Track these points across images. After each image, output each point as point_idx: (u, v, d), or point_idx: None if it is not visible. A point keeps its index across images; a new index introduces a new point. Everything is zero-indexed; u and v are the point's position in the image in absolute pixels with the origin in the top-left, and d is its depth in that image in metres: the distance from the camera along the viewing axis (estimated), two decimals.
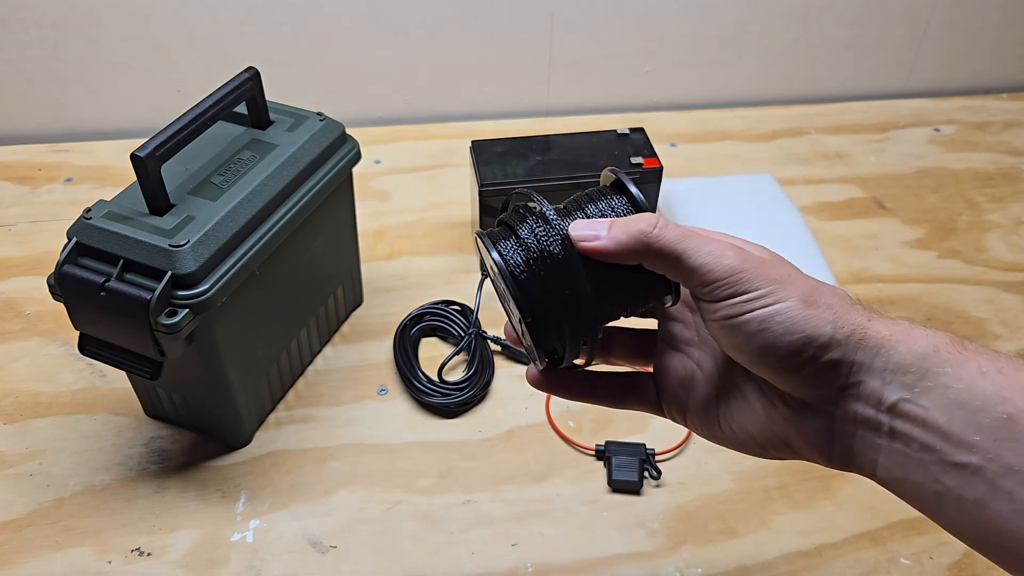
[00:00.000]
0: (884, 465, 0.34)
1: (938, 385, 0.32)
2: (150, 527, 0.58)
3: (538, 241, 0.37)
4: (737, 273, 0.34)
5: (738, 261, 0.35)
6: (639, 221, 0.36)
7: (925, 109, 1.05)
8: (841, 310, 0.34)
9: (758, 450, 0.38)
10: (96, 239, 0.52)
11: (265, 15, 0.92)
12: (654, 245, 0.35)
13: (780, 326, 0.34)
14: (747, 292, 0.34)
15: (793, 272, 0.36)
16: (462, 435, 0.65)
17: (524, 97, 1.03)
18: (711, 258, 0.35)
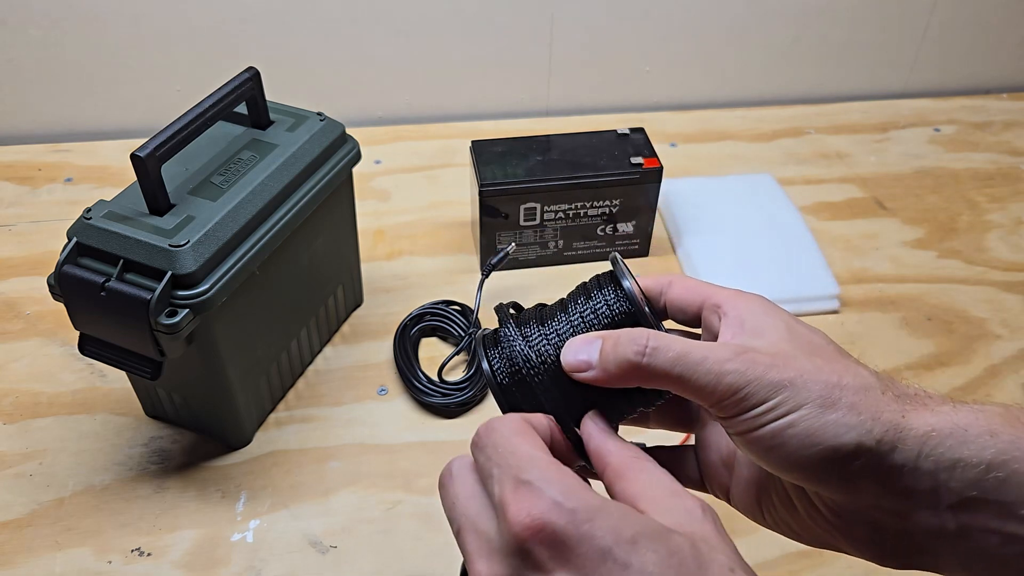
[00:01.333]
0: (957, 563, 0.30)
1: (1011, 472, 0.29)
2: (150, 527, 0.58)
3: (527, 352, 0.36)
4: (741, 390, 0.30)
5: (739, 375, 0.30)
6: (628, 345, 0.32)
7: (925, 109, 1.05)
8: (868, 408, 0.30)
9: (809, 542, 0.35)
10: (96, 239, 0.52)
11: (265, 15, 0.92)
12: (646, 371, 0.32)
13: (795, 440, 0.30)
14: (755, 407, 0.30)
15: (809, 366, 0.31)
16: (462, 435, 0.65)
17: (524, 97, 1.03)
18: (710, 378, 0.31)
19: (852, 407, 0.30)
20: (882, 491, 0.30)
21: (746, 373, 0.30)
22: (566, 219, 0.77)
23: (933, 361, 0.72)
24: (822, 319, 0.76)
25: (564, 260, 0.80)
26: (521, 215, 0.76)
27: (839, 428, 0.29)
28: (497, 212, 0.75)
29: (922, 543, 0.31)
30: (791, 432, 0.30)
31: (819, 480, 0.31)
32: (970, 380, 0.70)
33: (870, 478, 0.30)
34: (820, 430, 0.29)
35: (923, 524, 0.30)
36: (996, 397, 0.68)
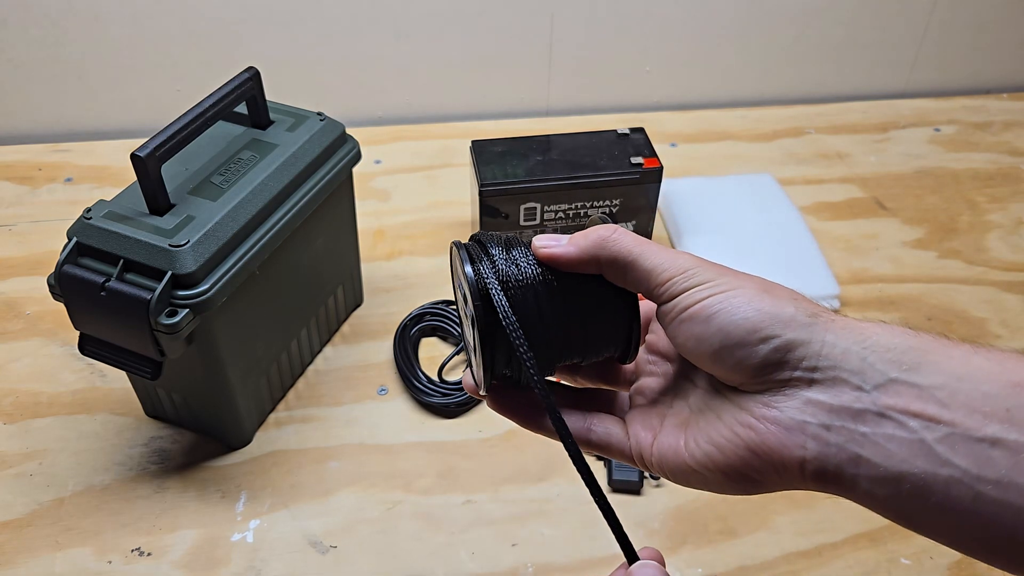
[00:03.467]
0: (872, 462, 0.30)
1: (927, 362, 0.30)
2: (150, 527, 0.58)
3: (508, 262, 0.37)
4: (691, 269, 0.34)
5: (691, 261, 0.35)
6: (600, 229, 0.36)
7: (925, 109, 1.05)
8: (802, 301, 0.33)
9: (722, 479, 0.34)
10: (96, 239, 0.52)
11: (265, 15, 0.92)
12: (612, 247, 0.35)
13: (737, 306, 0.32)
14: (703, 283, 0.34)
15: (748, 274, 0.35)
16: (462, 435, 0.65)
17: (524, 97, 1.03)
18: (666, 257, 0.35)
19: (789, 295, 0.33)
20: (814, 365, 0.32)
21: (697, 261, 0.35)
22: (566, 219, 0.77)
23: None
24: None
25: None
26: (521, 215, 0.76)
27: (778, 302, 0.33)
28: (497, 212, 0.75)
29: (842, 440, 0.31)
30: (734, 300, 0.33)
31: (752, 355, 0.32)
32: None
33: (802, 352, 0.32)
34: (759, 300, 0.33)
35: (845, 410, 0.31)
36: None
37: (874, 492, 0.31)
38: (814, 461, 0.32)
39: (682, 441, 0.35)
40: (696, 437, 0.35)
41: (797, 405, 0.32)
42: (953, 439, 0.29)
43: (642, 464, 0.37)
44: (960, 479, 0.28)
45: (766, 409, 0.32)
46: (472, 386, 0.40)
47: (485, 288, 0.35)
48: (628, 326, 0.38)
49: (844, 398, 0.31)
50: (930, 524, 0.30)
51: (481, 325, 0.35)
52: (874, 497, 0.31)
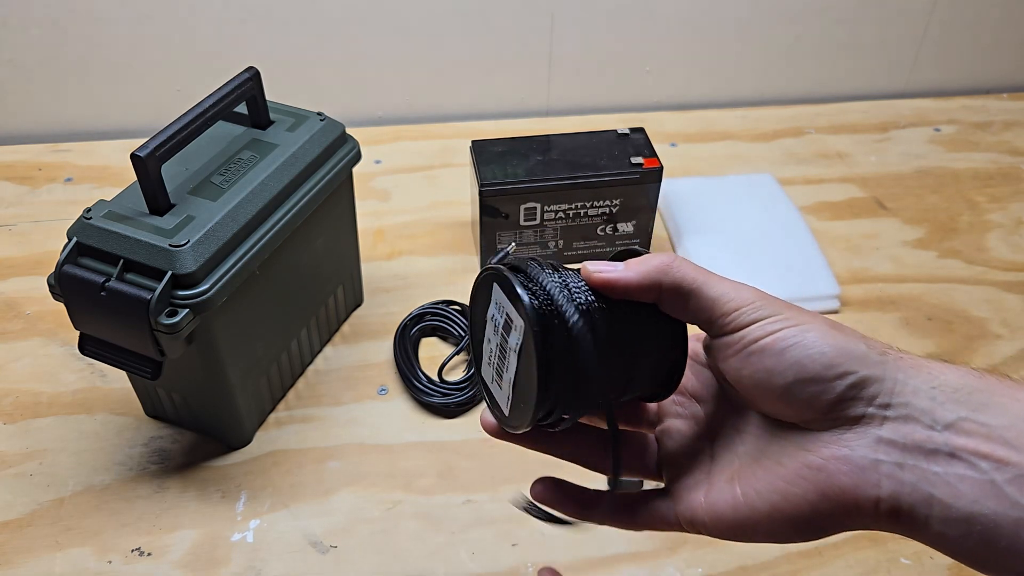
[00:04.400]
0: (944, 502, 0.30)
1: (994, 403, 0.30)
2: (150, 527, 0.58)
3: (560, 286, 0.34)
4: (758, 300, 0.33)
5: (754, 293, 0.34)
6: (659, 256, 0.35)
7: (925, 109, 1.05)
8: (870, 338, 0.33)
9: (790, 530, 0.33)
10: (96, 239, 0.52)
11: (265, 15, 0.92)
12: (674, 273, 0.34)
13: (813, 340, 0.32)
14: (772, 316, 0.33)
15: (812, 311, 0.34)
16: (462, 435, 0.65)
17: (524, 97, 1.03)
18: (730, 287, 0.34)
19: (856, 334, 0.33)
20: (887, 402, 0.31)
21: (759, 293, 0.34)
22: (566, 219, 0.77)
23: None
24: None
25: (564, 260, 0.80)
26: (521, 215, 0.76)
27: (849, 338, 0.32)
28: (497, 212, 0.75)
29: (915, 478, 0.31)
30: (808, 335, 0.32)
31: (825, 391, 0.31)
32: None
33: (876, 389, 0.31)
34: (832, 336, 0.32)
35: (917, 448, 0.30)
36: None
37: (946, 533, 0.30)
38: (889, 500, 0.31)
39: (739, 493, 0.34)
40: (756, 487, 0.33)
41: (869, 443, 0.31)
42: (1022, 480, 0.29)
43: (692, 529, 0.36)
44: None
45: (836, 448, 0.31)
46: (493, 426, 0.37)
47: (550, 313, 0.32)
48: (677, 358, 0.36)
49: (916, 437, 0.31)
50: (1000, 566, 0.30)
51: (541, 357, 0.32)
52: (945, 538, 0.30)
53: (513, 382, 0.35)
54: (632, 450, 0.39)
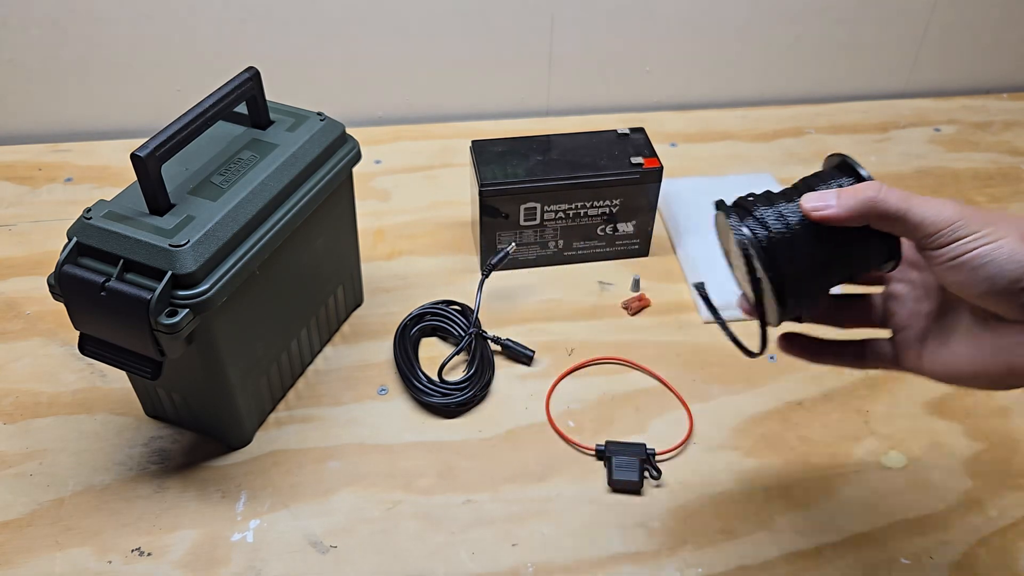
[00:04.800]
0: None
1: None
2: (150, 527, 0.58)
3: (776, 217, 0.44)
4: (957, 221, 0.39)
5: (956, 212, 0.40)
6: (866, 188, 0.41)
7: (925, 109, 1.05)
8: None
9: (984, 383, 0.42)
10: (96, 239, 0.52)
11: (265, 15, 0.92)
12: (880, 207, 0.41)
13: (1002, 256, 0.38)
14: (969, 235, 0.39)
15: (1006, 216, 0.40)
16: (462, 435, 0.65)
17: (524, 97, 1.03)
18: (932, 211, 0.40)
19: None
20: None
21: (960, 211, 0.40)
22: (566, 219, 0.77)
23: None
24: None
25: (564, 260, 0.81)
26: (521, 215, 0.76)
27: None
28: (497, 212, 0.75)
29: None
30: (998, 252, 0.39)
31: (1013, 301, 0.39)
32: None
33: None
34: (1020, 252, 0.38)
35: None
36: (996, 397, 0.69)
37: None
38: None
39: (950, 356, 0.43)
40: (964, 354, 0.43)
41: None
42: None
43: (908, 370, 0.46)
44: None
45: (1021, 338, 0.40)
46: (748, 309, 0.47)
47: (774, 242, 0.43)
48: (890, 246, 0.44)
49: None
50: None
51: (770, 273, 0.43)
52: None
53: (761, 295, 0.44)
54: (863, 307, 0.49)
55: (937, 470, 0.63)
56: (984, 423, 0.66)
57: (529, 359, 0.70)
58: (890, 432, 0.65)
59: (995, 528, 0.59)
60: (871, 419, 0.67)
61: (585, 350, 0.72)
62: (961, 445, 0.65)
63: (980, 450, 0.64)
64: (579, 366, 0.70)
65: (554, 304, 0.76)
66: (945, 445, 0.65)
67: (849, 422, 0.66)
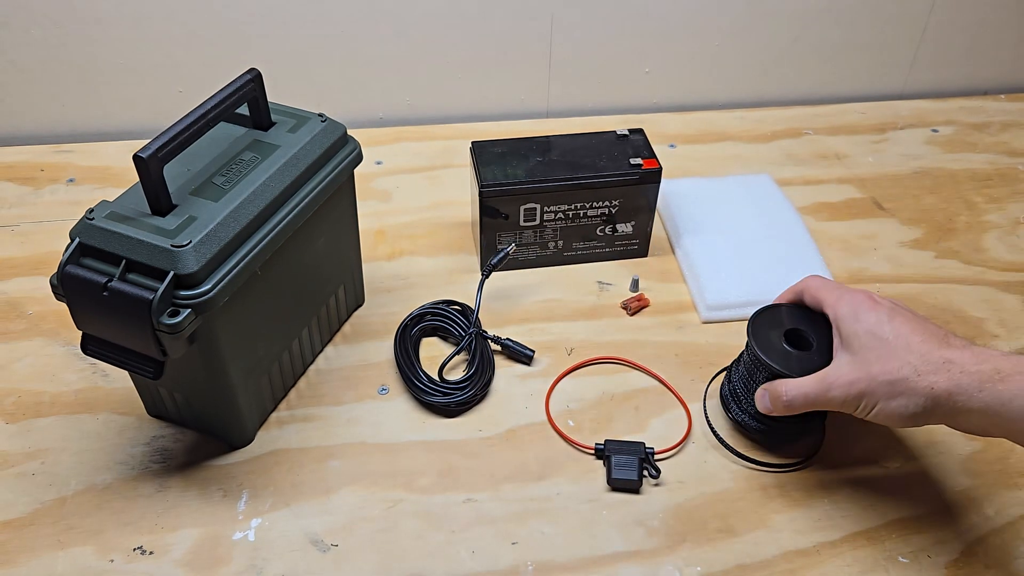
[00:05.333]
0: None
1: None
2: (152, 526, 0.58)
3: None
4: (845, 404, 0.55)
5: (840, 401, 0.55)
6: (778, 400, 0.59)
7: (923, 110, 1.05)
8: (918, 387, 0.51)
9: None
10: (98, 239, 0.53)
11: (267, 16, 0.92)
12: (795, 410, 0.58)
13: (884, 418, 0.54)
14: (856, 409, 0.55)
15: (877, 371, 0.53)
16: (462, 434, 0.65)
17: (524, 98, 1.03)
18: (825, 403, 0.56)
19: (909, 392, 0.52)
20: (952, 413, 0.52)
21: (844, 398, 0.54)
22: (566, 220, 0.78)
23: None
24: None
25: (564, 260, 0.81)
26: (521, 215, 0.76)
27: (905, 406, 0.52)
28: (497, 212, 0.76)
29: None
30: (880, 416, 0.53)
31: (907, 426, 0.56)
32: None
33: (936, 417, 0.52)
34: (895, 410, 0.52)
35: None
36: None
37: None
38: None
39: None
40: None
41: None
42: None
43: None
44: None
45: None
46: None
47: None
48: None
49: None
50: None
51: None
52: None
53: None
54: None
55: (935, 469, 0.63)
56: None
57: (529, 359, 0.71)
58: (888, 431, 0.66)
59: (993, 527, 0.59)
60: None
61: (584, 350, 0.72)
62: (959, 444, 0.65)
63: (977, 449, 0.65)
64: (578, 366, 0.71)
65: (554, 304, 0.77)
66: (943, 444, 0.65)
67: (847, 421, 0.66)
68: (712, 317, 0.75)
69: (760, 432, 0.63)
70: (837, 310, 0.57)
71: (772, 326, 0.62)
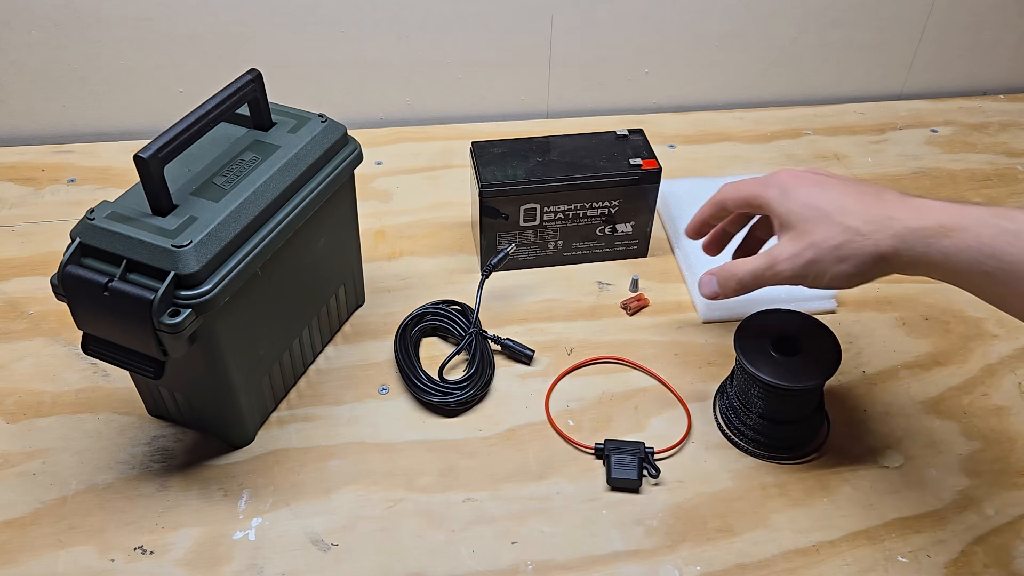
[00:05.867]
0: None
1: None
2: (152, 525, 0.58)
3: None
4: (793, 277, 0.56)
5: (788, 274, 0.55)
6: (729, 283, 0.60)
7: (922, 110, 1.05)
8: (862, 250, 0.52)
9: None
10: (99, 239, 0.53)
11: (267, 17, 0.92)
12: (744, 291, 0.59)
13: (830, 281, 0.54)
14: (803, 281, 0.55)
15: (822, 237, 0.53)
16: (463, 434, 0.65)
17: (524, 99, 1.04)
18: (772, 279, 0.57)
19: (855, 254, 0.52)
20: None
21: (792, 270, 0.55)
22: (565, 220, 0.78)
23: (930, 361, 0.72)
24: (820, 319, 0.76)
25: (564, 260, 0.81)
26: (521, 216, 0.76)
27: (853, 267, 0.53)
28: (497, 213, 0.76)
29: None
30: (830, 281, 0.54)
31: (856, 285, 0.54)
32: (967, 379, 0.70)
33: (884, 272, 0.53)
34: (843, 272, 0.53)
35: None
36: (993, 396, 0.69)
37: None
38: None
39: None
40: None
41: None
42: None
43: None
44: None
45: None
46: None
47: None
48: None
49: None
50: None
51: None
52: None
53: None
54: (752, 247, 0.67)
55: (934, 469, 0.63)
56: (981, 422, 0.67)
57: (529, 359, 0.71)
58: (887, 431, 0.66)
59: (992, 527, 0.59)
60: (868, 418, 0.67)
61: (584, 350, 0.72)
62: (958, 444, 0.65)
63: (977, 449, 0.65)
64: (578, 365, 0.71)
65: (554, 304, 0.77)
66: (942, 444, 0.65)
67: (846, 421, 0.67)
68: (712, 317, 0.75)
69: (761, 445, 0.63)
70: (765, 195, 0.57)
71: (758, 335, 0.62)
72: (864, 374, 0.71)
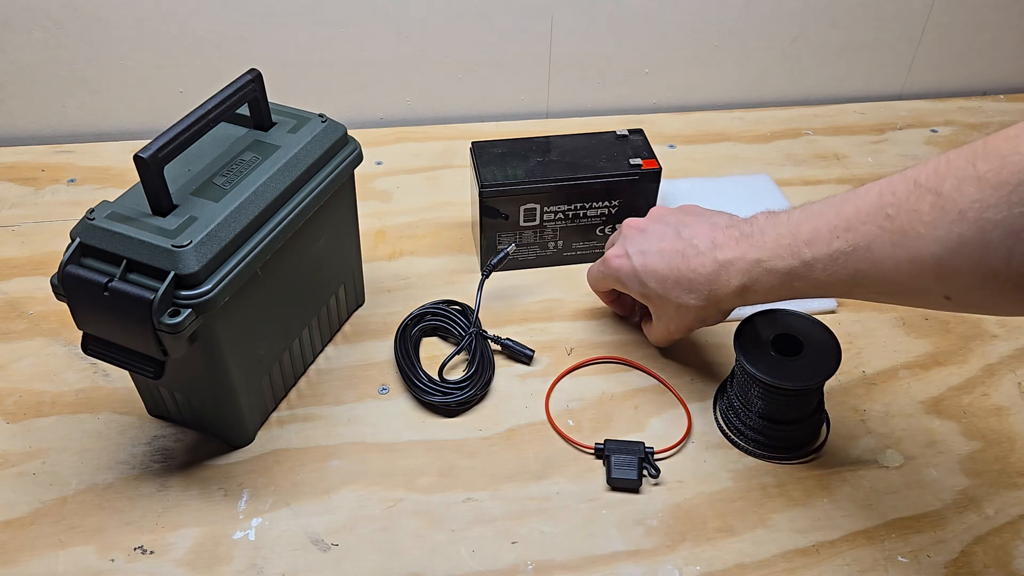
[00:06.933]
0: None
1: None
2: (152, 525, 0.58)
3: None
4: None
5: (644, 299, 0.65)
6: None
7: (922, 110, 1.05)
8: (706, 286, 0.60)
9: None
10: (99, 239, 0.53)
11: (267, 17, 0.92)
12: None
13: (672, 326, 0.65)
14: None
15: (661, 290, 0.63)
16: (462, 434, 0.65)
17: (524, 99, 1.04)
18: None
19: (712, 319, 0.63)
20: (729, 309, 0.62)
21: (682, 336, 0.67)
22: (565, 220, 0.78)
23: (930, 360, 0.72)
24: (820, 319, 0.76)
25: (564, 260, 0.81)
26: (521, 216, 0.76)
27: (716, 320, 0.63)
28: (497, 213, 0.76)
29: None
30: (673, 328, 0.65)
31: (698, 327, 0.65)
32: (967, 379, 0.70)
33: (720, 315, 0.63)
34: (684, 318, 0.63)
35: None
36: (993, 396, 0.69)
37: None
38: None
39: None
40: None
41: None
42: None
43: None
44: None
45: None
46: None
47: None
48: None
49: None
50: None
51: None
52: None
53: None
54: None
55: (934, 469, 0.63)
56: (981, 422, 0.67)
57: (529, 359, 0.71)
58: (887, 431, 0.66)
59: (992, 527, 0.59)
60: (868, 418, 0.67)
61: (584, 350, 0.72)
62: (958, 444, 0.65)
63: (977, 449, 0.65)
64: (578, 365, 0.71)
65: (554, 304, 0.77)
66: (942, 444, 0.65)
67: (846, 421, 0.67)
68: None
69: (761, 445, 0.63)
70: (627, 287, 0.65)
71: (758, 335, 0.62)
72: (864, 374, 0.71)
